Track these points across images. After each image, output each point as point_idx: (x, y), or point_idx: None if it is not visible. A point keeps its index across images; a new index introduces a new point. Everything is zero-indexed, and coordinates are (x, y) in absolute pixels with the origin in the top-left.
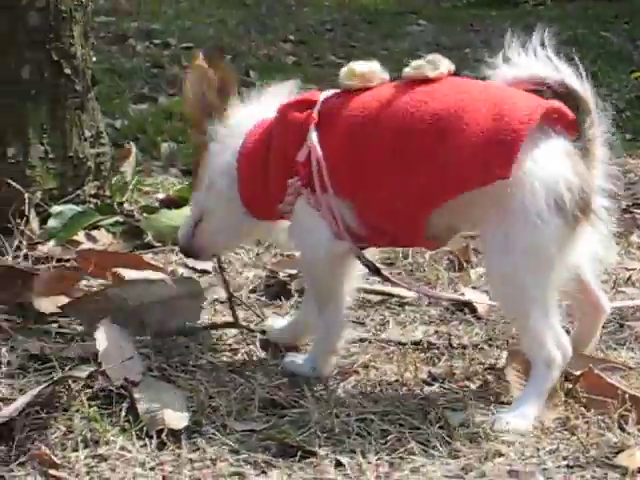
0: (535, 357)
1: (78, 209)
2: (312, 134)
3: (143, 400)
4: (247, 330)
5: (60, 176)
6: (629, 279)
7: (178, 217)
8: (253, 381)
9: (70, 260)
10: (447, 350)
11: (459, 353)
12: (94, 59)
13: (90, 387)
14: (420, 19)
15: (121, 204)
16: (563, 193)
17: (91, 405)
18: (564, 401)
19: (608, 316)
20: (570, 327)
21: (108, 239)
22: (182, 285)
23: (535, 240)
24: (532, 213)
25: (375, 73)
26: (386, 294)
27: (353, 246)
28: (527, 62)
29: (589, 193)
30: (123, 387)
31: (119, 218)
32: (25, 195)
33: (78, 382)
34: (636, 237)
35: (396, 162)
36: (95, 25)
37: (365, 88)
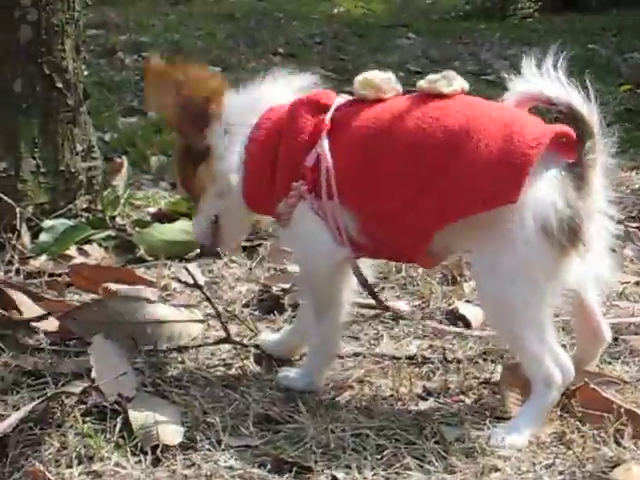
0: (534, 376)
1: (70, 223)
2: (323, 141)
3: (137, 416)
4: (240, 345)
5: (52, 190)
6: (622, 293)
7: (170, 231)
8: (247, 396)
9: (62, 275)
10: (442, 364)
11: (454, 367)
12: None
13: (84, 403)
14: (410, 32)
15: (113, 218)
16: (552, 221)
17: (85, 421)
18: (560, 415)
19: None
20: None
21: (100, 253)
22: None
23: (523, 264)
24: (520, 238)
25: (390, 84)
26: (380, 308)
27: (352, 260)
28: (539, 80)
29: (579, 224)
30: (117, 403)
31: (111, 232)
32: (16, 209)
33: (72, 398)
34: (629, 250)
35: (409, 175)
36: (85, 38)
37: (379, 99)
